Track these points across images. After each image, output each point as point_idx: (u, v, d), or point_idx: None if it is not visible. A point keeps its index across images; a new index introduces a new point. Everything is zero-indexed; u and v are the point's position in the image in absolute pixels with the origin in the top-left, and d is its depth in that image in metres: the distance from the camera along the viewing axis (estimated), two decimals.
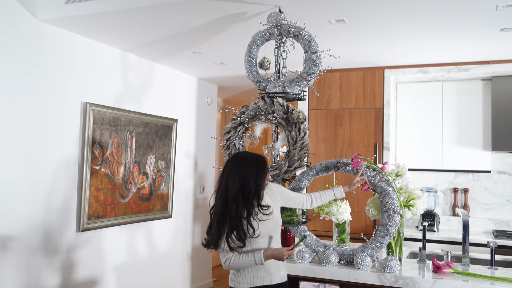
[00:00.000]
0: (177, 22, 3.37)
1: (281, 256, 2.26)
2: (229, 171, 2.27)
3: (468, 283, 2.37)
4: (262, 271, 2.34)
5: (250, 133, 3.12)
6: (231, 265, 2.28)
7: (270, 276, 2.35)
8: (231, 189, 2.22)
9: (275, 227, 2.38)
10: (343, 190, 2.69)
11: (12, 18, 3.20)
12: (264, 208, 2.29)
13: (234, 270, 2.39)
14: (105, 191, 3.97)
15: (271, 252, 2.27)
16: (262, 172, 2.28)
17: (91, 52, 3.88)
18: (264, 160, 2.33)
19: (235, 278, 2.38)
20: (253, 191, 2.24)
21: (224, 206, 2.23)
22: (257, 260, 2.24)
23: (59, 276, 3.57)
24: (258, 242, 2.31)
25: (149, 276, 4.61)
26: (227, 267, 2.31)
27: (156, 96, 4.69)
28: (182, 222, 5.17)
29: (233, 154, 2.41)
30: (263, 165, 2.30)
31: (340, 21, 3.24)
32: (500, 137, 4.27)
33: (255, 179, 2.24)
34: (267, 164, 2.35)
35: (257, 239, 2.29)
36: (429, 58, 4.24)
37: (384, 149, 4.49)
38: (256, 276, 2.34)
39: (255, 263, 2.25)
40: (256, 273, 2.34)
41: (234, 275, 2.39)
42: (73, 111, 3.70)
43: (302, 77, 2.91)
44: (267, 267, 2.35)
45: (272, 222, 2.35)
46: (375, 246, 2.63)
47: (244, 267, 2.30)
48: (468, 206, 4.58)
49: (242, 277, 2.35)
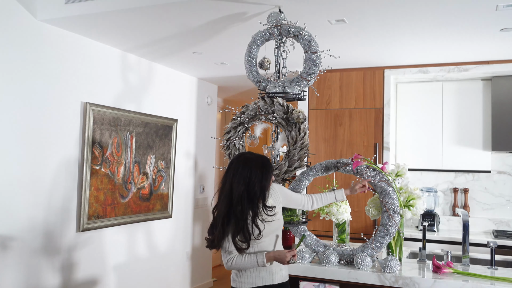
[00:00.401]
0: (177, 22, 3.37)
1: (283, 259, 2.26)
2: (234, 172, 2.26)
3: (468, 283, 2.37)
4: (264, 271, 2.34)
5: (250, 133, 3.12)
6: (233, 265, 2.29)
7: (272, 275, 2.35)
8: (236, 191, 2.21)
9: (278, 227, 2.39)
10: (344, 194, 2.70)
11: (12, 18, 3.20)
12: (268, 209, 2.29)
13: (236, 270, 2.39)
14: (105, 191, 3.97)
15: (273, 254, 2.27)
16: (267, 174, 2.28)
17: (91, 52, 3.88)
18: (268, 162, 2.33)
19: (237, 278, 2.38)
20: (258, 192, 2.24)
21: (228, 207, 2.22)
22: (259, 262, 2.25)
23: (59, 276, 3.57)
24: (261, 242, 2.31)
25: (149, 276, 4.61)
26: (229, 267, 2.31)
27: (156, 96, 4.69)
28: (182, 222, 5.17)
29: (237, 155, 2.40)
30: (268, 167, 2.30)
31: (340, 21, 3.24)
32: (500, 137, 4.27)
33: (260, 181, 2.24)
34: (271, 165, 2.35)
35: (261, 239, 2.29)
36: (429, 58, 4.24)
37: (384, 149, 4.49)
38: (259, 276, 2.34)
39: (257, 264, 2.26)
40: (259, 273, 2.34)
41: (236, 275, 2.39)
42: (73, 111, 3.70)
43: (302, 77, 2.91)
44: (269, 267, 2.35)
45: (276, 222, 2.36)
46: (375, 246, 2.63)
47: (246, 268, 2.30)
48: (468, 206, 4.58)
49: (244, 277, 2.35)
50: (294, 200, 2.60)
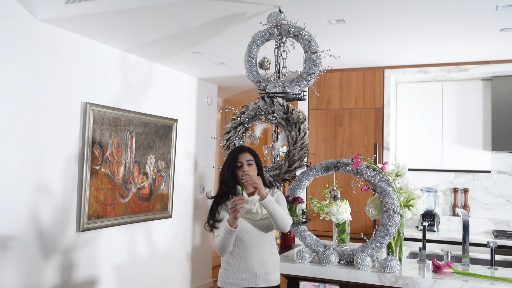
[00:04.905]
0: (177, 22, 3.37)
1: (231, 213, 2.20)
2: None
3: (468, 283, 2.37)
4: (246, 273, 2.34)
5: (250, 133, 3.12)
6: (216, 244, 2.32)
7: (256, 279, 2.35)
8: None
9: (265, 228, 2.42)
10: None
11: (12, 18, 3.20)
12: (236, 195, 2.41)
13: (222, 269, 2.42)
14: (105, 191, 3.97)
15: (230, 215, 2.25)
16: (229, 158, 2.46)
17: (91, 52, 3.88)
18: (237, 148, 2.53)
19: (222, 278, 2.40)
20: (227, 177, 2.43)
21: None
22: (227, 229, 2.24)
23: (59, 276, 3.57)
24: (249, 244, 2.37)
25: (149, 276, 4.61)
26: (215, 247, 2.33)
27: (156, 96, 4.69)
28: (182, 222, 5.17)
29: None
30: (233, 151, 2.49)
31: (340, 21, 3.24)
32: (500, 137, 4.27)
33: (227, 165, 2.45)
34: (241, 149, 2.49)
35: (246, 238, 2.37)
36: (429, 58, 4.24)
37: (384, 149, 4.50)
38: (241, 278, 2.34)
39: (228, 233, 2.24)
40: (241, 275, 2.34)
41: (222, 275, 2.41)
42: (73, 111, 3.70)
43: (302, 77, 2.91)
44: (252, 269, 2.35)
45: (261, 222, 2.42)
46: (375, 246, 2.63)
47: (225, 242, 2.27)
48: (468, 206, 4.58)
49: (227, 277, 2.37)
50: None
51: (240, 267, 2.35)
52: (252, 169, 2.43)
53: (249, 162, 2.42)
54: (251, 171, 2.41)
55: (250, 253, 2.36)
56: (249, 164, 2.42)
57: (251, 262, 2.36)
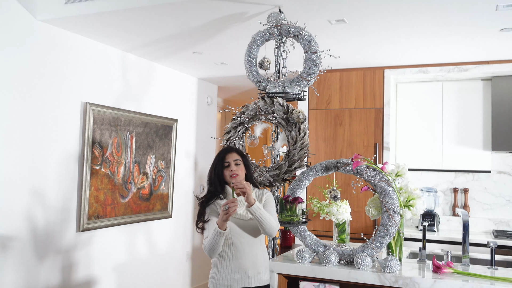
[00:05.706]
0: (177, 22, 3.37)
1: (222, 214, 2.20)
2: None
3: (468, 283, 2.37)
4: (238, 273, 2.34)
5: (250, 133, 3.12)
6: (205, 245, 2.32)
7: (248, 279, 2.35)
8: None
9: (252, 229, 2.42)
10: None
11: (12, 18, 3.20)
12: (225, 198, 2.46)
13: (213, 271, 2.41)
14: (105, 191, 3.97)
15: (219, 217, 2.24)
16: (216, 159, 2.49)
17: (91, 52, 3.88)
18: (223, 149, 2.54)
19: (214, 280, 2.39)
20: (213, 178, 2.49)
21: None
22: (216, 232, 2.24)
23: (59, 276, 3.57)
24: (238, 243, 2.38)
25: (149, 276, 4.61)
26: (204, 248, 2.33)
27: (156, 96, 4.69)
28: (182, 222, 5.17)
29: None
30: (219, 153, 2.51)
31: (340, 21, 3.24)
32: (500, 137, 4.27)
33: (214, 167, 2.50)
34: (226, 151, 2.50)
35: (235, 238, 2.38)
36: (429, 58, 4.24)
37: (384, 149, 4.50)
38: (233, 278, 2.34)
39: (218, 235, 2.24)
40: (233, 275, 2.34)
41: (213, 276, 2.40)
42: (73, 111, 3.69)
43: (302, 77, 2.91)
44: (244, 270, 2.35)
45: (248, 222, 2.42)
46: (375, 246, 2.63)
47: (214, 244, 2.27)
48: (468, 206, 4.58)
49: (219, 279, 2.36)
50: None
51: (232, 267, 2.35)
52: (240, 169, 2.43)
53: (236, 162, 2.43)
54: (239, 170, 2.42)
55: (242, 253, 2.37)
56: (237, 164, 2.43)
57: (244, 262, 2.36)
